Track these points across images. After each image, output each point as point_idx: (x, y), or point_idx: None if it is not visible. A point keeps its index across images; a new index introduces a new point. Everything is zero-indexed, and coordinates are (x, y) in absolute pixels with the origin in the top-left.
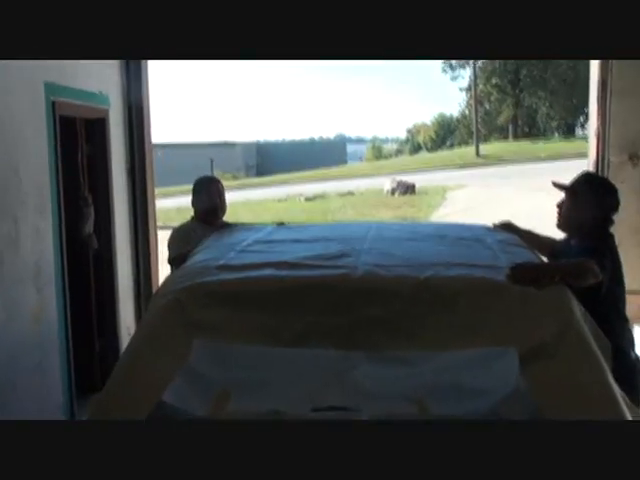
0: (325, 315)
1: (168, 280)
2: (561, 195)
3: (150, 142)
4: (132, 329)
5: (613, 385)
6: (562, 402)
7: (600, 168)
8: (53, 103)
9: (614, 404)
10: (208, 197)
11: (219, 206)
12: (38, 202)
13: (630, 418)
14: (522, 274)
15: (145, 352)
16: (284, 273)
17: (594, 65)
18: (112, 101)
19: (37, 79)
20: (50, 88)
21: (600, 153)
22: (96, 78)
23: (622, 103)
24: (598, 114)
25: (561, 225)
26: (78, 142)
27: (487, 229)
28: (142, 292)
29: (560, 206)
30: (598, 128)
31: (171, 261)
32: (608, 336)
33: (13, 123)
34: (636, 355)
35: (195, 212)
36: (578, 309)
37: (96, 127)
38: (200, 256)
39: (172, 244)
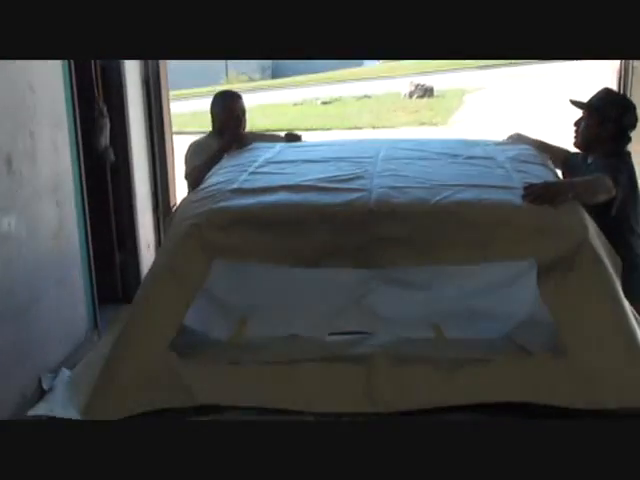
0: (341, 235)
1: (184, 205)
2: (578, 113)
3: None
4: (151, 241)
5: (623, 300)
6: (574, 316)
7: (623, 74)
8: None
9: (623, 318)
10: (228, 113)
11: (239, 123)
12: (54, 116)
13: (638, 332)
14: (536, 194)
15: (165, 277)
16: (299, 197)
17: None
18: None
19: None
20: None
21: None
22: None
23: None
24: None
25: (578, 142)
26: None
27: (498, 144)
28: (160, 204)
29: (577, 124)
30: None
31: (187, 176)
32: (620, 249)
33: None
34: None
35: (213, 127)
36: (592, 226)
37: None
38: (214, 179)
39: (188, 159)
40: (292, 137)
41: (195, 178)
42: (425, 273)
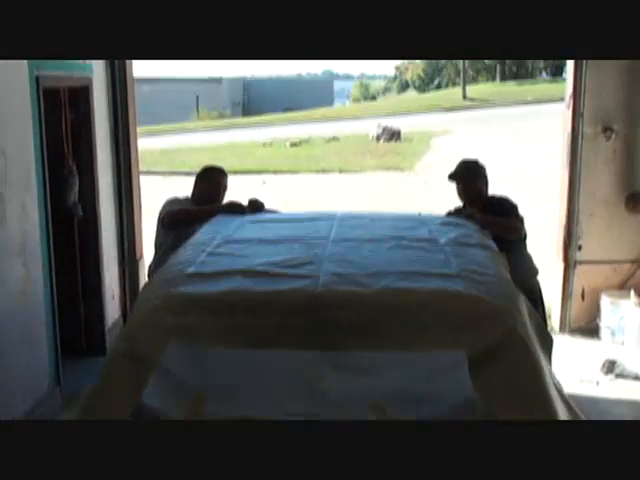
0: (289, 320)
1: (147, 286)
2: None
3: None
4: (116, 293)
5: (550, 385)
6: (503, 404)
7: (572, 140)
8: (37, 78)
9: (549, 407)
10: (210, 189)
11: (218, 199)
12: (23, 179)
13: (563, 417)
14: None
15: (123, 357)
16: (251, 283)
17: None
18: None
19: None
20: (34, 63)
21: (574, 125)
22: None
23: (598, 74)
24: (573, 85)
25: (463, 201)
26: (62, 111)
27: (443, 223)
28: (126, 256)
29: (458, 188)
30: (572, 99)
31: (165, 216)
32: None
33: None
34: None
35: (193, 195)
36: (525, 309)
37: (80, 94)
38: (177, 257)
39: (167, 206)
40: (254, 204)
41: (174, 217)
42: (372, 359)
